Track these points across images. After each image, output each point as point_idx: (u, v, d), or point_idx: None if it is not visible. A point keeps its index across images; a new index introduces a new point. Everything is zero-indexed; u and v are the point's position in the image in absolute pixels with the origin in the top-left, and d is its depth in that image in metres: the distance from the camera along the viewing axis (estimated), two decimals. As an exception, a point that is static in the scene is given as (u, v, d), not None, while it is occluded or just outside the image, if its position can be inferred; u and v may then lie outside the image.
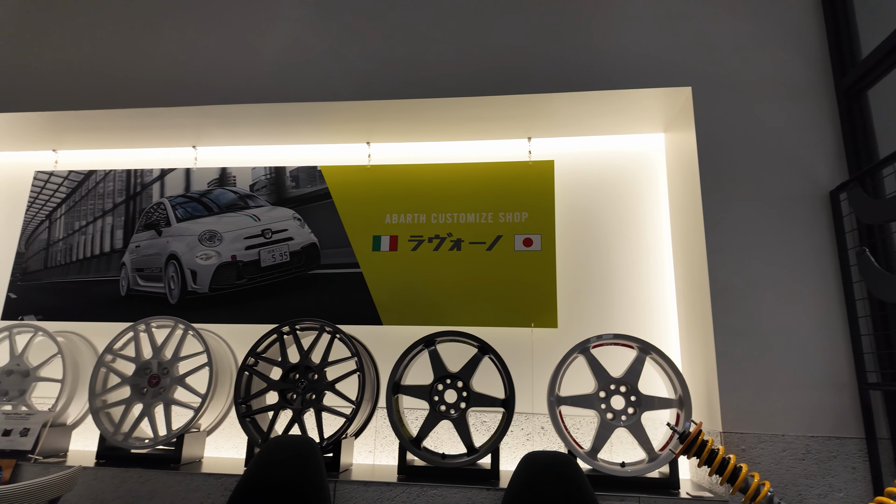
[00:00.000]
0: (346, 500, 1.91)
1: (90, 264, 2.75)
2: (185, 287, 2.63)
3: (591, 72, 2.29)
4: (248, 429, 2.12)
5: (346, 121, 2.56)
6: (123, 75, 2.57)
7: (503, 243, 2.48)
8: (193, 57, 2.55)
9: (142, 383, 2.24)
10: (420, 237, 2.56)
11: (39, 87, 2.61)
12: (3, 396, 2.35)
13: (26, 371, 2.38)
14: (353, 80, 2.42)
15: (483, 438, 2.22)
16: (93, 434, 2.48)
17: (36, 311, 2.70)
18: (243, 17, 2.57)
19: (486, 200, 2.54)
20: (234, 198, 2.74)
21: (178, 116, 2.58)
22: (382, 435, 2.41)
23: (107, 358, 2.29)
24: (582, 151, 2.65)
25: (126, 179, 2.82)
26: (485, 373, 2.12)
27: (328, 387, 2.15)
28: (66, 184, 2.86)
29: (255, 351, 2.23)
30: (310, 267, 2.62)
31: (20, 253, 2.80)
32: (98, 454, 2.16)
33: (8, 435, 2.17)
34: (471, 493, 1.86)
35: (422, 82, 2.37)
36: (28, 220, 2.84)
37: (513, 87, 2.32)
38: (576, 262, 2.51)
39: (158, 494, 1.99)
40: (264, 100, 2.46)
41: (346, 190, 2.67)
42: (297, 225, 2.67)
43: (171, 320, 2.31)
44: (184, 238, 2.69)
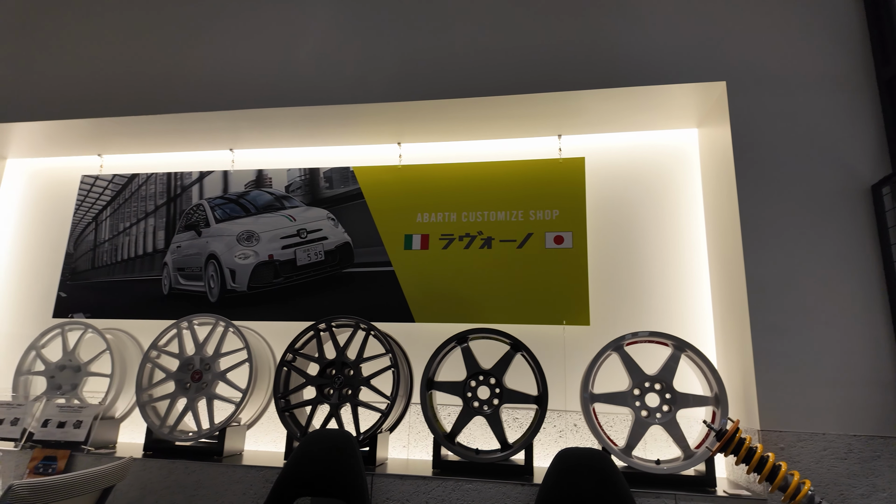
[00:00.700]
0: (383, 492, 1.95)
1: (134, 264, 2.86)
2: (224, 286, 2.72)
3: (621, 68, 2.28)
4: (287, 423, 2.18)
5: (378, 122, 2.60)
6: (164, 82, 2.67)
7: (534, 241, 2.49)
8: (230, 63, 2.63)
9: (185, 378, 2.33)
10: (451, 236, 2.58)
11: (85, 96, 2.72)
12: (57, 390, 2.47)
13: (77, 366, 2.50)
14: (385, 81, 2.46)
15: (515, 435, 2.24)
16: (138, 426, 2.58)
17: (84, 310, 2.83)
18: (277, 23, 2.64)
19: (516, 198, 2.56)
20: (271, 199, 2.81)
21: (215, 120, 2.66)
22: (416, 430, 2.45)
23: (152, 354, 2.39)
24: (613, 148, 2.64)
25: (167, 182, 2.93)
26: (517, 370, 2.14)
27: (364, 382, 2.21)
28: (111, 187, 2.98)
29: (293, 347, 2.30)
30: (344, 266, 2.67)
31: (69, 254, 2.94)
32: (145, 446, 2.25)
33: (62, 427, 2.28)
34: (505, 488, 1.88)
35: (452, 82, 2.39)
36: (76, 222, 2.97)
37: (543, 86, 2.33)
38: (608, 259, 2.50)
39: (203, 485, 2.07)
40: (298, 103, 2.52)
41: (378, 190, 2.72)
42: (331, 225, 2.73)
43: (212, 318, 2.39)
44: (223, 238, 2.78)
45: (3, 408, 2.37)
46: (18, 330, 2.91)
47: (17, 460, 2.24)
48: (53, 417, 2.30)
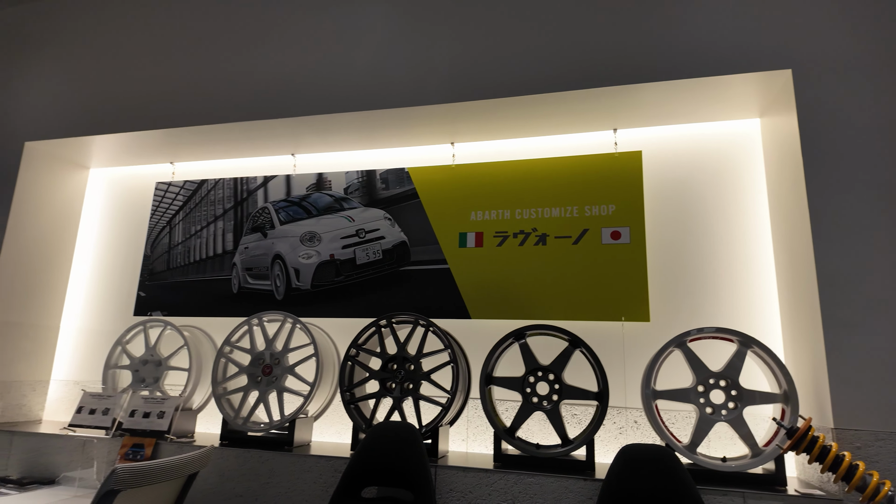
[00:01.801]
0: (446, 484, 2.01)
1: (206, 265, 3.04)
2: (289, 284, 2.85)
3: (679, 60, 2.24)
4: (353, 415, 2.28)
5: (432, 123, 2.66)
6: (229, 93, 2.81)
7: (590, 237, 2.48)
8: (291, 72, 2.74)
9: (256, 372, 2.47)
10: (505, 233, 2.61)
11: (158, 108, 2.91)
12: (141, 383, 2.67)
13: (159, 361, 2.69)
14: (440, 83, 2.51)
15: (573, 431, 2.25)
16: (212, 417, 2.76)
17: (162, 308, 3.03)
18: (334, 33, 2.73)
19: (570, 194, 2.56)
20: (331, 201, 2.93)
21: (278, 127, 2.78)
22: (474, 425, 2.50)
23: (225, 349, 2.54)
24: (671, 140, 2.59)
25: (234, 187, 3.09)
26: (575, 366, 2.15)
27: (424, 377, 2.27)
28: (183, 192, 3.17)
29: (357, 343, 2.39)
30: (400, 264, 2.75)
31: (147, 256, 3.15)
32: (222, 436, 2.40)
33: (147, 417, 2.46)
34: (567, 483, 1.90)
35: (505, 81, 2.42)
36: (152, 226, 3.18)
37: (597, 80, 2.31)
38: (667, 254, 2.47)
39: (276, 474, 2.20)
40: (356, 108, 2.60)
41: (432, 189, 2.78)
42: (388, 224, 2.82)
43: (280, 315, 2.52)
44: (287, 239, 2.91)
45: (95, 399, 2.58)
46: (104, 326, 3.15)
47: (108, 447, 2.44)
48: (139, 408, 2.49)
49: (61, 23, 3.24)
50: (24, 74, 3.20)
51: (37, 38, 3.25)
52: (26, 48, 3.24)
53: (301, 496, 2.14)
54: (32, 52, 3.23)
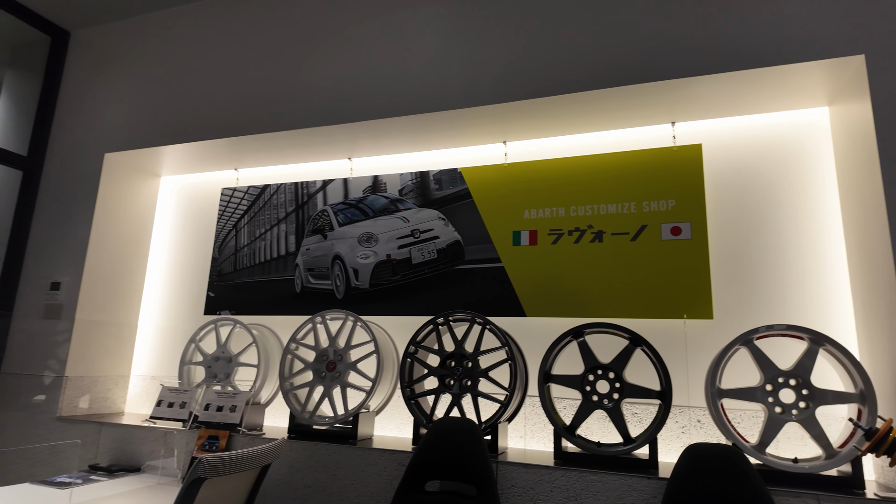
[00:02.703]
0: (508, 479, 2.04)
1: (270, 266, 3.19)
2: (349, 284, 2.95)
3: (741, 50, 2.18)
4: (413, 410, 2.34)
5: (484, 123, 2.69)
6: (289, 101, 2.94)
7: (648, 233, 2.45)
8: (347, 80, 2.83)
9: (321, 368, 2.57)
10: (559, 230, 2.61)
11: (223, 118, 3.07)
12: (214, 378, 2.84)
13: (229, 357, 2.85)
14: (492, 84, 2.53)
15: (633, 430, 2.23)
16: (278, 411, 2.90)
17: (230, 307, 3.20)
18: (388, 39, 2.80)
19: (627, 190, 2.53)
20: (386, 202, 3.01)
21: (335, 133, 2.88)
22: (532, 422, 2.52)
23: (292, 346, 2.66)
24: (732, 132, 2.52)
25: (294, 191, 3.22)
26: (635, 364, 2.13)
27: (482, 374, 2.31)
28: (247, 197, 3.33)
29: (415, 340, 2.45)
30: (455, 263, 2.80)
31: (215, 258, 3.33)
32: (290, 429, 2.52)
33: (221, 410, 2.61)
34: (630, 481, 1.90)
35: (559, 78, 2.42)
36: (219, 230, 3.36)
37: (654, 74, 2.28)
38: (731, 249, 2.40)
39: (342, 466, 2.29)
40: (410, 112, 2.67)
41: (485, 188, 2.81)
42: (442, 224, 2.87)
43: (342, 313, 2.62)
44: (345, 240, 3.02)
45: (173, 393, 2.76)
46: (178, 325, 3.36)
47: (186, 438, 2.61)
48: (213, 402, 2.65)
49: (135, 42, 3.46)
50: (104, 91, 3.44)
51: (114, 57, 3.49)
52: (105, 67, 3.49)
53: (366, 488, 2.22)
54: (110, 70, 3.47)
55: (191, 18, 3.34)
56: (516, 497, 2.02)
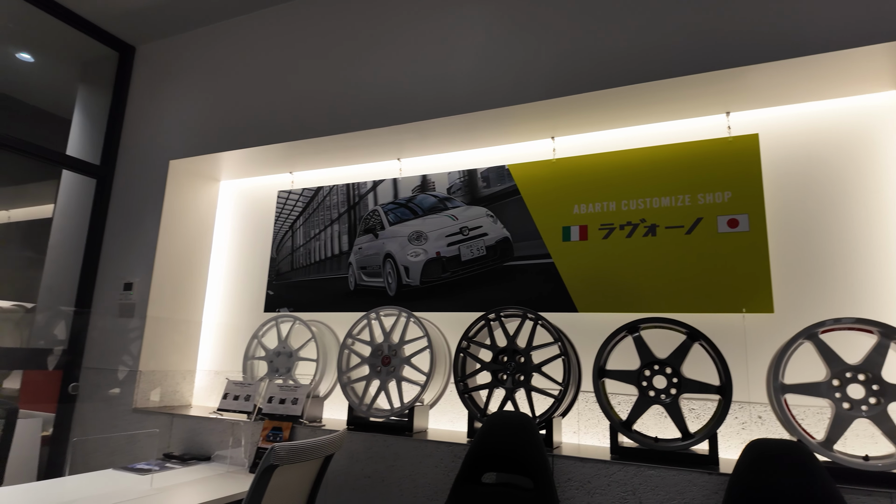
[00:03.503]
0: (564, 473, 2.06)
1: (324, 265, 3.30)
2: (400, 281, 3.03)
3: (799, 35, 2.11)
4: (467, 404, 2.39)
5: (533, 120, 2.70)
6: (340, 106, 3.03)
7: (704, 226, 2.41)
8: (396, 82, 2.90)
9: (377, 363, 2.66)
10: (611, 225, 2.60)
11: (278, 124, 3.20)
12: (276, 373, 2.97)
13: (290, 352, 2.98)
14: (541, 81, 2.54)
15: (690, 426, 2.20)
16: (334, 403, 3.01)
17: (288, 305, 3.34)
18: (436, 41, 2.85)
19: (681, 182, 2.49)
20: (435, 201, 3.06)
21: (384, 135, 2.96)
22: (585, 418, 2.52)
23: (348, 341, 2.76)
24: (790, 120, 2.44)
25: (346, 192, 3.32)
26: (692, 359, 2.11)
27: (535, 369, 2.34)
28: (301, 199, 3.46)
29: (468, 335, 2.50)
30: (504, 259, 2.82)
31: (273, 258, 3.48)
32: (348, 421, 2.62)
33: (283, 403, 2.74)
34: (690, 476, 1.88)
35: (609, 72, 2.40)
36: (276, 231, 3.50)
37: (708, 64, 2.23)
38: (792, 241, 2.33)
39: (400, 457, 2.36)
40: (458, 111, 2.70)
41: (533, 185, 2.82)
42: (490, 221, 2.90)
43: (395, 309, 2.69)
44: (396, 239, 3.09)
45: (237, 386, 2.91)
46: (240, 321, 3.53)
47: (251, 429, 2.75)
48: (276, 395, 2.78)
49: (194, 54, 3.65)
50: (167, 102, 3.65)
51: (175, 69, 3.69)
52: (168, 79, 3.69)
53: (424, 479, 2.29)
54: (172, 81, 3.67)
55: (245, 30, 3.49)
56: (572, 490, 2.04)
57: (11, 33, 3.70)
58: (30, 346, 3.50)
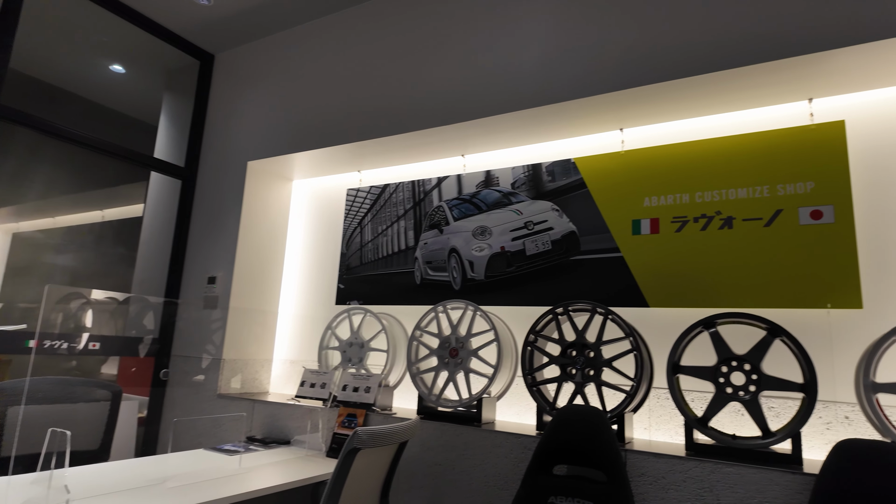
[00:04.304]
0: (637, 468, 2.06)
1: (392, 260, 3.41)
2: (465, 275, 3.09)
3: (888, 16, 1.98)
4: (536, 397, 2.42)
5: (600, 112, 2.67)
6: (406, 105, 3.11)
7: (784, 217, 2.31)
8: (461, 79, 2.95)
9: (444, 355, 2.73)
10: (684, 218, 2.54)
11: (347, 125, 3.32)
12: (348, 362, 3.11)
13: (361, 343, 3.11)
14: (609, 72, 2.51)
15: (770, 425, 2.13)
16: (402, 393, 3.10)
17: (357, 298, 3.47)
18: (501, 36, 2.87)
19: (759, 173, 2.40)
20: (499, 196, 3.10)
21: (449, 132, 3.01)
22: (656, 414, 2.49)
23: (416, 333, 2.84)
24: (879, 106, 2.30)
25: (412, 189, 3.41)
26: (773, 356, 2.04)
27: (605, 364, 2.33)
28: (369, 197, 3.58)
29: (535, 329, 2.52)
30: (570, 254, 2.82)
31: (343, 253, 3.62)
32: (418, 410, 2.70)
33: (356, 391, 2.86)
34: (772, 475, 1.83)
35: (683, 60, 2.35)
36: (346, 227, 3.65)
37: (788, 50, 2.14)
38: (883, 233, 2.20)
39: (470, 447, 2.42)
40: (523, 106, 2.72)
41: (601, 178, 2.80)
42: (556, 215, 2.90)
43: (462, 303, 2.75)
44: (460, 234, 3.15)
45: (313, 375, 3.06)
46: (314, 313, 3.70)
47: (327, 416, 2.89)
48: (349, 383, 2.91)
49: (268, 60, 3.84)
50: (244, 106, 3.87)
51: (251, 75, 3.90)
52: (244, 84, 3.91)
53: (494, 469, 2.34)
54: (248, 86, 3.89)
55: (315, 35, 3.64)
56: (646, 486, 2.03)
57: (106, 47, 4.03)
58: (124, 334, 3.82)
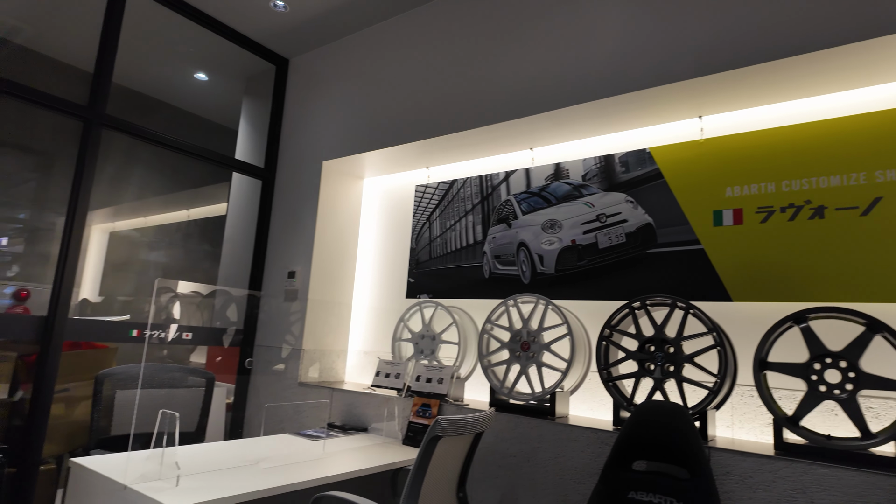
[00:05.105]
0: (722, 466, 2.00)
1: (460, 254, 3.46)
2: (534, 269, 3.09)
3: None
4: (612, 392, 2.40)
5: (677, 100, 2.59)
6: (473, 102, 3.14)
7: (884, 206, 2.16)
8: (529, 73, 2.94)
9: (516, 348, 2.75)
10: (770, 208, 2.42)
11: (415, 124, 3.39)
12: (420, 354, 3.19)
13: (433, 335, 3.18)
14: (688, 59, 2.43)
15: (870, 425, 2.01)
16: (472, 385, 3.15)
17: (427, 291, 3.55)
18: (572, 27, 2.83)
19: (854, 159, 2.25)
20: (569, 189, 3.07)
21: (517, 126, 3.01)
22: (740, 412, 2.40)
23: (487, 326, 2.88)
24: None
25: (479, 184, 3.44)
26: (872, 353, 1.92)
27: (687, 359, 2.27)
28: (437, 193, 3.65)
29: (610, 323, 2.49)
30: (646, 246, 2.75)
31: (413, 248, 3.71)
32: (490, 402, 2.74)
33: (430, 382, 2.94)
34: (873, 479, 1.73)
35: (770, 44, 2.23)
36: (415, 223, 3.73)
37: (887, 27, 1.99)
38: None
39: (545, 439, 2.44)
40: (594, 97, 2.68)
41: (679, 168, 2.71)
42: (630, 207, 2.84)
43: (533, 297, 2.76)
44: (529, 228, 3.15)
45: (388, 365, 3.16)
46: (386, 305, 3.82)
47: (402, 405, 2.99)
48: (423, 374, 2.99)
49: (339, 63, 3.98)
50: (318, 108, 4.03)
51: (324, 78, 4.05)
52: (318, 86, 4.07)
53: (569, 462, 2.34)
54: (321, 89, 4.04)
55: (383, 36, 3.73)
56: (732, 484, 1.97)
57: (190, 57, 4.31)
58: (211, 325, 4.10)
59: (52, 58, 4.04)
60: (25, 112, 4.00)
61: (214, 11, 3.73)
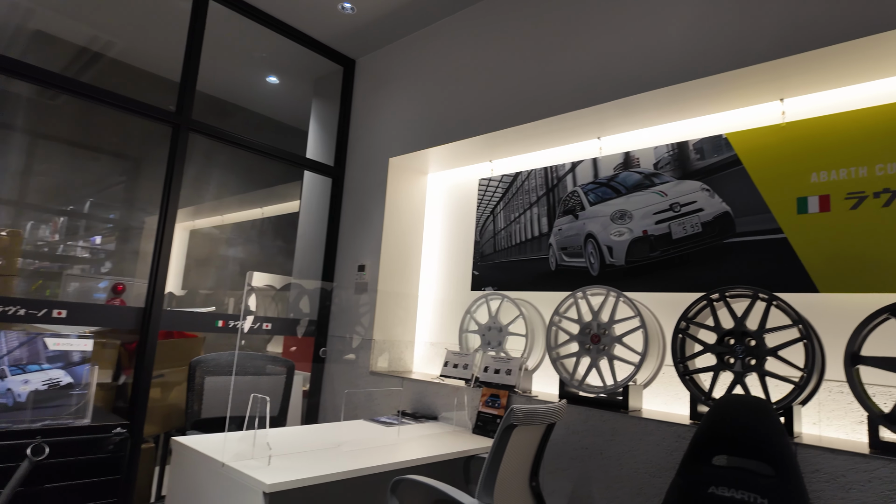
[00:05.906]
0: (810, 464, 1.92)
1: (525, 247, 3.47)
2: (603, 261, 3.05)
3: None
4: (689, 386, 2.34)
5: (756, 83, 2.47)
6: (537, 93, 3.12)
7: None
8: (597, 61, 2.89)
9: (585, 341, 2.73)
10: (861, 193, 2.28)
11: (478, 118, 3.41)
12: (488, 345, 3.23)
13: (500, 327, 3.21)
14: (767, 39, 2.32)
15: None
16: (539, 377, 3.16)
17: (491, 284, 3.58)
18: (642, 12, 2.76)
19: (962, 139, 2.08)
20: (640, 178, 3.00)
21: (584, 116, 2.97)
22: (828, 408, 2.28)
23: (555, 319, 2.88)
24: None
25: (544, 176, 3.43)
26: None
27: (770, 353, 2.18)
28: (501, 185, 3.66)
29: (687, 316, 2.43)
30: (724, 236, 2.66)
31: (477, 241, 3.75)
32: (560, 395, 2.75)
33: (498, 373, 2.98)
34: None
35: (858, 20, 2.09)
36: (479, 216, 3.76)
37: None
38: None
39: (618, 433, 2.42)
40: (666, 83, 2.60)
41: (759, 154, 2.59)
42: (706, 196, 2.75)
43: (603, 289, 2.73)
44: (597, 219, 3.11)
45: (456, 356, 3.23)
46: (451, 298, 3.89)
47: (471, 395, 3.04)
48: (491, 365, 3.03)
49: (403, 62, 4.06)
50: (384, 106, 4.14)
51: (389, 77, 4.15)
52: (383, 85, 4.18)
53: (644, 456, 2.31)
54: (386, 87, 4.15)
55: (446, 32, 3.77)
56: (821, 483, 1.89)
57: (263, 61, 4.53)
58: (286, 316, 4.32)
59: (140, 68, 4.37)
60: (117, 120, 4.36)
61: (285, 16, 3.90)
